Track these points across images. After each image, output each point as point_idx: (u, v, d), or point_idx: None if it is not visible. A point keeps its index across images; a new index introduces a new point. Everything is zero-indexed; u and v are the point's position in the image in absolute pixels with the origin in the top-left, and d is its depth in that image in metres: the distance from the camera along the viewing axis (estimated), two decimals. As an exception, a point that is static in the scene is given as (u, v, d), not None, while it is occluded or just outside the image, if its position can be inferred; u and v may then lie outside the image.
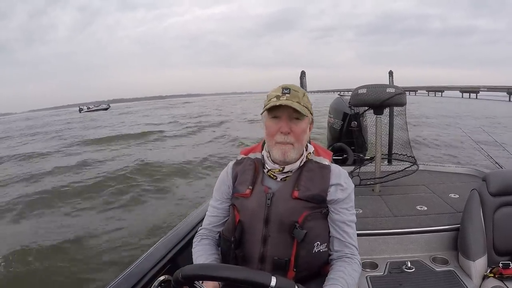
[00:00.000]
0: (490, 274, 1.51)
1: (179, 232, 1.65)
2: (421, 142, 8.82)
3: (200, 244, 1.12)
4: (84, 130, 20.84)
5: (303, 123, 1.00)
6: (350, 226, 1.03)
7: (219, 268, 0.77)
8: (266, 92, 1.07)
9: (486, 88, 40.91)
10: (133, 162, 8.37)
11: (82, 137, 15.91)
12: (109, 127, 21.31)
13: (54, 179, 7.56)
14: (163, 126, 18.56)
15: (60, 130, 21.93)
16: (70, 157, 10.39)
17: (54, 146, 13.13)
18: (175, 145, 11.63)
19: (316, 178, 1.03)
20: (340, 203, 1.02)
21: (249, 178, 1.06)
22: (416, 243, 1.84)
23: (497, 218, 1.60)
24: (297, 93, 1.00)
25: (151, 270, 1.33)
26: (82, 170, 8.20)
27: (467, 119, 14.00)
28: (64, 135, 18.27)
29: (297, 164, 1.04)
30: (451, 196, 2.29)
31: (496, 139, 3.67)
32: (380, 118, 2.58)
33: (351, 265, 0.98)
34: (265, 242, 0.99)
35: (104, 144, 12.88)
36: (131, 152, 10.51)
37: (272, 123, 1.01)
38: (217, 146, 11.02)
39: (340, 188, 1.03)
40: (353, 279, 0.94)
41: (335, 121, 3.92)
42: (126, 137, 14.35)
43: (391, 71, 3.31)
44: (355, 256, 1.01)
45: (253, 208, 1.01)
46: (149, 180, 6.79)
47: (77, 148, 12.56)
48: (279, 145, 1.00)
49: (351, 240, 1.02)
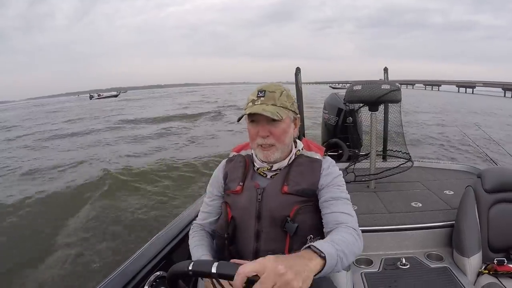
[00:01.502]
0: (484, 270, 1.51)
1: (174, 228, 1.64)
2: (416, 138, 8.89)
3: (195, 235, 1.12)
4: (142, 109, 22.51)
5: (283, 123, 0.99)
6: (341, 201, 0.97)
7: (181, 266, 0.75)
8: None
9: (482, 83, 42.20)
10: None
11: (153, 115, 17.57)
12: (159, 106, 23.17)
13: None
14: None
15: (113, 114, 21.67)
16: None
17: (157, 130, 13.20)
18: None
19: (306, 172, 1.02)
20: (328, 186, 1.00)
21: (239, 175, 1.06)
22: (411, 239, 1.84)
23: (492, 215, 1.60)
24: (273, 94, 0.99)
25: (146, 266, 1.32)
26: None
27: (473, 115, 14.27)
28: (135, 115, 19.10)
29: (285, 162, 1.04)
30: (446, 193, 2.29)
31: (491, 136, 3.69)
32: (375, 114, 2.58)
33: (344, 229, 0.88)
34: (258, 238, 0.99)
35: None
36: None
37: (251, 127, 1.01)
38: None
39: (325, 174, 1.02)
40: (340, 237, 0.83)
41: (330, 117, 3.91)
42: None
43: (386, 68, 3.31)
44: (349, 223, 0.91)
45: (245, 204, 1.01)
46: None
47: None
48: (261, 148, 1.01)
49: (341, 209, 0.95)
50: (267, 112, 0.94)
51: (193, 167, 6.64)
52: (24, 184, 6.22)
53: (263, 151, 1.00)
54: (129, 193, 5.28)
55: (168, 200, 4.91)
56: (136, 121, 15.95)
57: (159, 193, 5.19)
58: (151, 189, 5.40)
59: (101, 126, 14.84)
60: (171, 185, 5.61)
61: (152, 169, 6.55)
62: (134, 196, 5.13)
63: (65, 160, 7.89)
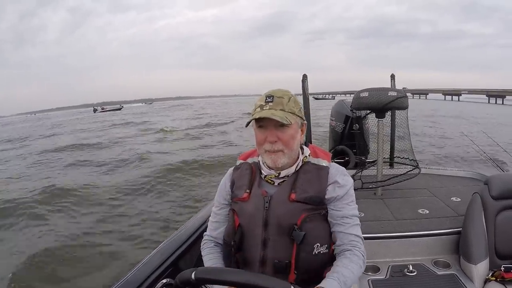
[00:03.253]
0: (492, 277, 1.51)
1: (181, 236, 1.65)
2: (422, 145, 8.84)
3: (207, 249, 1.14)
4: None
5: (291, 129, 0.99)
6: (351, 219, 1.01)
7: (238, 273, 0.77)
8: (256, 95, 1.08)
9: (467, 91, 43.71)
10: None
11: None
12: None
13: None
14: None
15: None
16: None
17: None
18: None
19: (313, 179, 1.03)
20: (340, 200, 1.02)
21: (246, 182, 1.07)
22: (418, 246, 1.84)
23: (499, 221, 1.60)
24: (281, 99, 0.99)
25: (153, 273, 1.34)
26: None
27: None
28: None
29: (292, 168, 1.04)
30: (453, 200, 2.28)
31: (499, 142, 3.66)
32: (382, 121, 2.59)
33: (350, 257, 0.96)
34: (265, 245, 1.00)
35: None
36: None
37: (259, 133, 1.01)
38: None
39: (337, 186, 1.02)
40: (349, 270, 0.92)
41: (337, 124, 3.92)
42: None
43: (393, 75, 3.30)
44: (356, 247, 0.99)
45: (252, 212, 1.02)
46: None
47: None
48: (269, 154, 1.01)
49: (352, 231, 1.00)
50: (276, 116, 0.95)
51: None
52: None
53: (270, 155, 1.00)
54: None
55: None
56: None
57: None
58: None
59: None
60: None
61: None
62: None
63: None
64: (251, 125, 1.03)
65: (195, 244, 1.57)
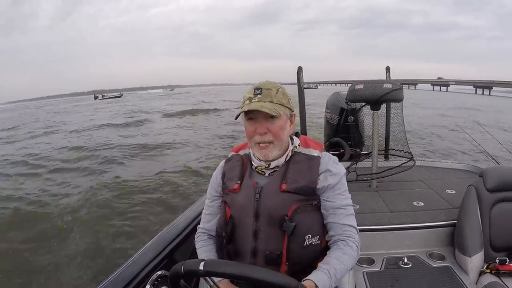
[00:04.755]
0: (486, 270, 1.51)
1: (176, 228, 1.65)
2: (416, 136, 8.89)
3: (201, 242, 1.15)
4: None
5: (280, 120, 1.00)
6: (345, 209, 1.02)
7: (248, 268, 0.77)
8: (246, 84, 1.07)
9: (454, 81, 44.73)
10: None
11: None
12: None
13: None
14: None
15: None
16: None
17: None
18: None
19: (303, 169, 1.03)
20: (332, 190, 1.02)
21: (237, 174, 1.08)
22: (412, 239, 1.84)
23: (493, 214, 1.60)
24: (269, 91, 1.00)
25: (148, 265, 1.34)
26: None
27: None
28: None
29: (282, 159, 1.05)
30: (448, 192, 2.29)
31: (493, 134, 3.67)
32: (377, 113, 2.58)
33: (343, 248, 0.96)
34: (256, 236, 1.00)
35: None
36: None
37: (249, 125, 1.02)
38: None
39: (329, 174, 1.02)
40: (340, 262, 0.92)
41: (332, 116, 3.90)
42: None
43: (388, 67, 3.29)
44: (350, 237, 0.99)
45: (243, 203, 1.02)
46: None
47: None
48: (259, 146, 1.02)
49: (345, 221, 1.01)
50: (265, 108, 0.96)
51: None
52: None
53: (261, 150, 1.01)
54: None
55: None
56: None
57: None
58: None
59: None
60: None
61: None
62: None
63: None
64: (241, 117, 1.03)
65: (190, 236, 1.57)
